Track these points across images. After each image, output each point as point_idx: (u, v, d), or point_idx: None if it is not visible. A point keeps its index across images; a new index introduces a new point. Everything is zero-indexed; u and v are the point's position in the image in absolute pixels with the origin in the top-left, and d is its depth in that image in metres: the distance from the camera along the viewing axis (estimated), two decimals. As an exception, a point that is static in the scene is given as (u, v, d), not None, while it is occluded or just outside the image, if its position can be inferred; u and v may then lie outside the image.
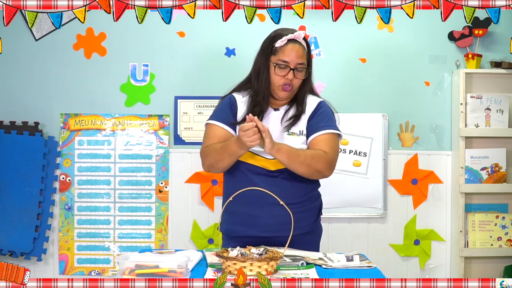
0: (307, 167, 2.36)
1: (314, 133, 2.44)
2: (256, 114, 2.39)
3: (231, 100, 2.50)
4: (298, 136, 2.44)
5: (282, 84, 2.41)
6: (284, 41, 2.41)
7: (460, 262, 3.66)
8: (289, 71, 2.40)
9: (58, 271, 3.79)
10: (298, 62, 2.41)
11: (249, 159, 2.43)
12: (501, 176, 3.70)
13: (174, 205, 3.80)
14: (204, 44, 3.77)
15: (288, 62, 2.40)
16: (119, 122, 3.79)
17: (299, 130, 2.45)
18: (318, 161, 2.37)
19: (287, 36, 2.41)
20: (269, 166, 2.42)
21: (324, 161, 2.39)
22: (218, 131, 2.46)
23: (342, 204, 3.71)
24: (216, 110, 2.53)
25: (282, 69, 2.41)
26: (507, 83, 3.74)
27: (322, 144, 2.41)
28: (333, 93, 3.75)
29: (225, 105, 2.50)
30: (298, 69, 2.42)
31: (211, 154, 2.43)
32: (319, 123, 2.45)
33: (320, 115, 2.47)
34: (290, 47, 2.41)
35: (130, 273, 1.90)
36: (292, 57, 2.40)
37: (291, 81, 2.41)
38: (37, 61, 3.78)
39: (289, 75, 2.40)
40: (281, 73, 2.41)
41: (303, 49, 2.43)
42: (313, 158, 2.36)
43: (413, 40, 3.79)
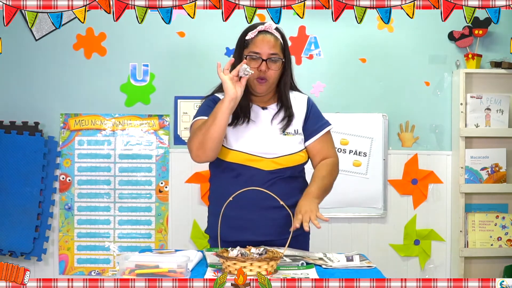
0: (332, 185, 2.46)
1: (313, 135, 2.44)
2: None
3: (215, 101, 2.39)
4: (294, 136, 2.41)
5: (257, 78, 2.35)
6: (254, 33, 2.35)
7: (460, 262, 3.66)
8: (261, 62, 2.33)
9: (58, 271, 3.79)
10: (270, 52, 2.34)
11: (244, 161, 2.37)
12: (501, 176, 3.70)
13: (174, 205, 3.80)
14: (204, 44, 3.77)
15: (259, 53, 2.33)
16: (119, 122, 3.79)
17: (294, 130, 2.42)
18: (334, 174, 2.47)
19: (258, 28, 2.35)
20: (266, 167, 2.36)
21: (337, 168, 2.49)
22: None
23: (342, 204, 3.71)
24: (200, 108, 2.45)
25: (254, 60, 2.33)
26: (507, 83, 3.74)
27: (325, 147, 2.46)
28: (333, 93, 3.76)
29: (210, 103, 2.42)
30: (272, 60, 2.34)
31: (197, 131, 2.30)
32: (315, 124, 2.46)
33: (313, 114, 2.48)
34: (261, 38, 2.34)
35: (130, 273, 1.90)
36: (263, 47, 2.33)
37: (265, 73, 2.34)
38: (37, 61, 3.78)
39: (261, 66, 2.33)
40: (254, 65, 2.32)
41: (275, 39, 2.35)
42: (332, 175, 2.44)
43: (413, 40, 3.79)
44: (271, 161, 2.36)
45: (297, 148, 2.41)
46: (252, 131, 2.39)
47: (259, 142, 2.37)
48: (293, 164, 2.40)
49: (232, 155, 2.36)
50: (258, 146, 2.36)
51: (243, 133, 2.38)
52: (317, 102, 3.80)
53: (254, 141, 2.37)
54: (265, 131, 2.39)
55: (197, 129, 2.32)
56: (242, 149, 2.35)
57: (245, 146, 2.36)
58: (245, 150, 2.35)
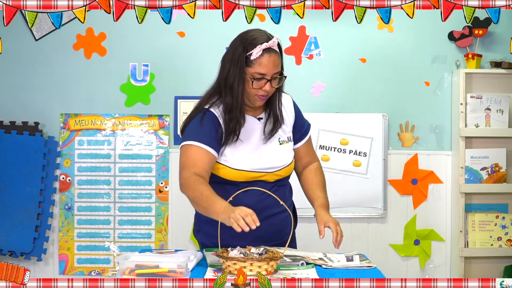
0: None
1: (301, 140, 2.49)
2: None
3: (215, 119, 2.31)
4: (288, 143, 2.43)
5: (259, 95, 2.28)
6: (259, 52, 2.22)
7: (460, 262, 3.66)
8: (266, 82, 2.25)
9: (58, 271, 3.79)
10: (275, 71, 2.26)
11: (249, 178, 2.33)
12: (501, 176, 3.70)
13: (174, 205, 3.80)
14: (204, 44, 3.77)
15: (265, 74, 2.24)
16: (119, 122, 3.79)
17: (287, 137, 2.43)
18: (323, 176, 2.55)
19: (262, 46, 2.22)
20: (269, 179, 2.37)
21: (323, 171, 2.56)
22: (204, 156, 2.26)
23: (342, 204, 3.71)
24: (190, 128, 2.32)
25: (259, 80, 2.25)
26: (507, 83, 3.74)
27: (309, 151, 2.53)
28: (333, 93, 3.76)
29: (210, 124, 2.30)
30: (275, 78, 2.28)
31: (199, 190, 2.18)
32: (302, 127, 2.50)
33: (299, 116, 2.49)
34: (267, 58, 2.23)
35: (130, 273, 1.90)
36: (270, 68, 2.24)
37: (267, 91, 2.28)
38: (37, 61, 3.78)
39: (266, 86, 2.26)
40: (258, 86, 2.25)
41: (278, 57, 2.26)
42: (324, 178, 2.53)
43: (413, 40, 3.79)
44: (274, 174, 2.38)
45: (292, 155, 2.44)
46: (251, 147, 2.34)
47: (261, 159, 2.35)
48: (291, 172, 2.46)
49: (236, 174, 2.32)
50: (260, 163, 2.34)
51: (243, 151, 2.33)
52: (317, 102, 3.83)
53: (256, 158, 2.34)
54: (265, 146, 2.37)
55: (194, 187, 2.19)
56: (244, 168, 2.32)
57: (248, 164, 2.32)
58: (248, 168, 2.32)
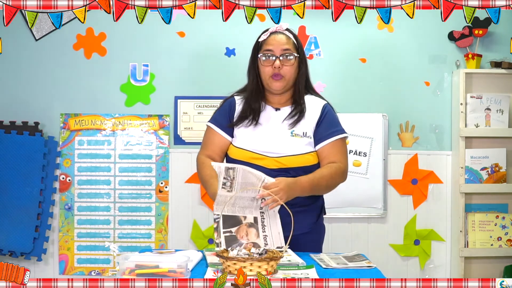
0: (330, 188, 2.45)
1: (324, 140, 2.44)
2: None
3: (231, 104, 2.53)
4: (301, 138, 2.43)
5: (272, 75, 2.42)
6: (266, 34, 2.46)
7: (460, 262, 3.66)
8: (275, 59, 2.41)
9: (58, 271, 3.79)
10: (283, 48, 2.42)
11: (248, 158, 2.41)
12: (501, 176, 3.70)
13: (174, 205, 3.80)
14: (204, 44, 3.77)
15: (272, 50, 2.42)
16: (119, 122, 3.79)
17: (302, 132, 2.43)
18: (337, 178, 2.43)
19: (270, 29, 2.47)
20: (269, 165, 2.39)
21: (341, 174, 2.45)
22: (216, 138, 2.50)
23: (342, 204, 3.71)
24: (217, 112, 2.57)
25: (268, 58, 2.43)
26: (507, 83, 3.74)
27: (335, 153, 2.44)
28: (333, 93, 3.76)
29: (226, 108, 2.53)
30: (285, 56, 2.42)
31: (201, 174, 2.46)
32: (328, 130, 2.45)
33: (327, 120, 2.47)
34: (273, 37, 2.45)
35: (130, 273, 1.90)
36: (276, 45, 2.42)
37: (280, 69, 2.41)
38: (37, 61, 3.78)
39: (275, 62, 2.41)
40: (268, 63, 2.42)
41: (287, 38, 2.45)
42: (332, 178, 2.40)
43: (413, 40, 3.79)
44: (274, 160, 2.38)
45: (302, 150, 2.42)
46: (259, 130, 2.45)
47: (263, 141, 2.42)
48: (296, 165, 2.40)
49: (237, 152, 2.44)
50: (262, 144, 2.41)
51: (250, 133, 2.45)
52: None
53: (259, 140, 2.42)
54: (272, 131, 2.43)
55: (201, 170, 2.46)
56: (246, 147, 2.42)
57: (249, 144, 2.42)
58: (249, 148, 2.42)
